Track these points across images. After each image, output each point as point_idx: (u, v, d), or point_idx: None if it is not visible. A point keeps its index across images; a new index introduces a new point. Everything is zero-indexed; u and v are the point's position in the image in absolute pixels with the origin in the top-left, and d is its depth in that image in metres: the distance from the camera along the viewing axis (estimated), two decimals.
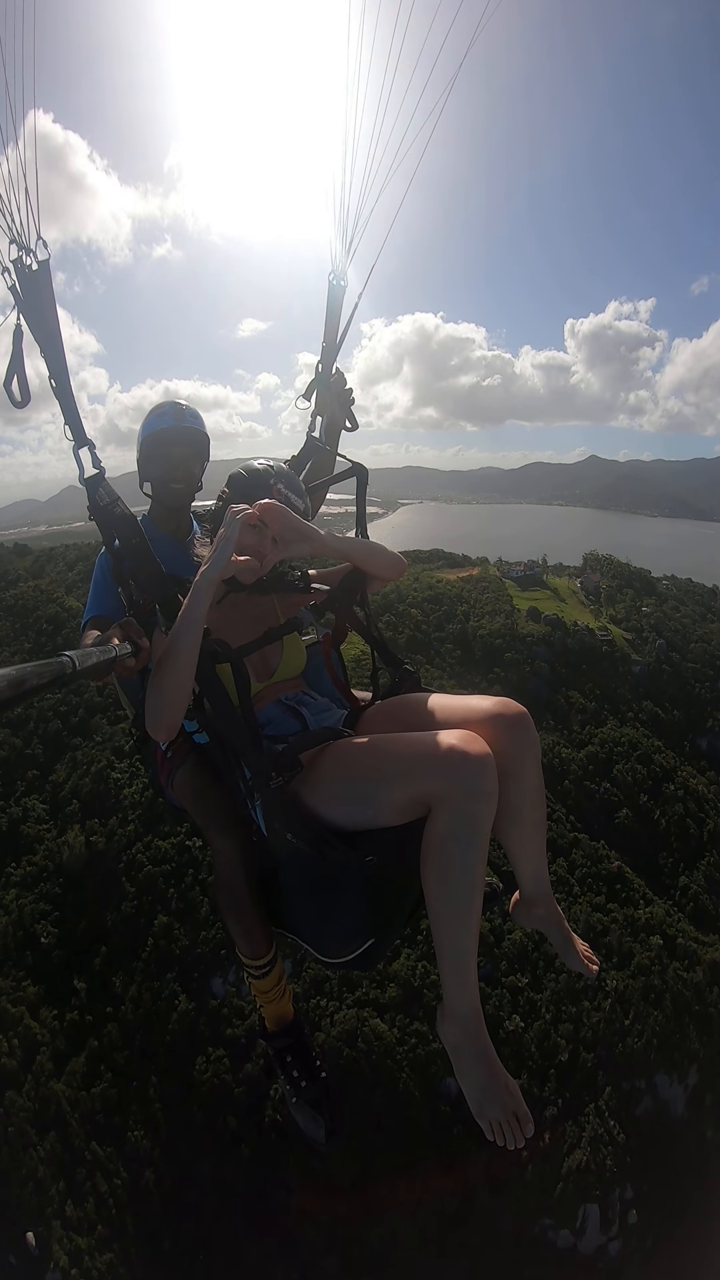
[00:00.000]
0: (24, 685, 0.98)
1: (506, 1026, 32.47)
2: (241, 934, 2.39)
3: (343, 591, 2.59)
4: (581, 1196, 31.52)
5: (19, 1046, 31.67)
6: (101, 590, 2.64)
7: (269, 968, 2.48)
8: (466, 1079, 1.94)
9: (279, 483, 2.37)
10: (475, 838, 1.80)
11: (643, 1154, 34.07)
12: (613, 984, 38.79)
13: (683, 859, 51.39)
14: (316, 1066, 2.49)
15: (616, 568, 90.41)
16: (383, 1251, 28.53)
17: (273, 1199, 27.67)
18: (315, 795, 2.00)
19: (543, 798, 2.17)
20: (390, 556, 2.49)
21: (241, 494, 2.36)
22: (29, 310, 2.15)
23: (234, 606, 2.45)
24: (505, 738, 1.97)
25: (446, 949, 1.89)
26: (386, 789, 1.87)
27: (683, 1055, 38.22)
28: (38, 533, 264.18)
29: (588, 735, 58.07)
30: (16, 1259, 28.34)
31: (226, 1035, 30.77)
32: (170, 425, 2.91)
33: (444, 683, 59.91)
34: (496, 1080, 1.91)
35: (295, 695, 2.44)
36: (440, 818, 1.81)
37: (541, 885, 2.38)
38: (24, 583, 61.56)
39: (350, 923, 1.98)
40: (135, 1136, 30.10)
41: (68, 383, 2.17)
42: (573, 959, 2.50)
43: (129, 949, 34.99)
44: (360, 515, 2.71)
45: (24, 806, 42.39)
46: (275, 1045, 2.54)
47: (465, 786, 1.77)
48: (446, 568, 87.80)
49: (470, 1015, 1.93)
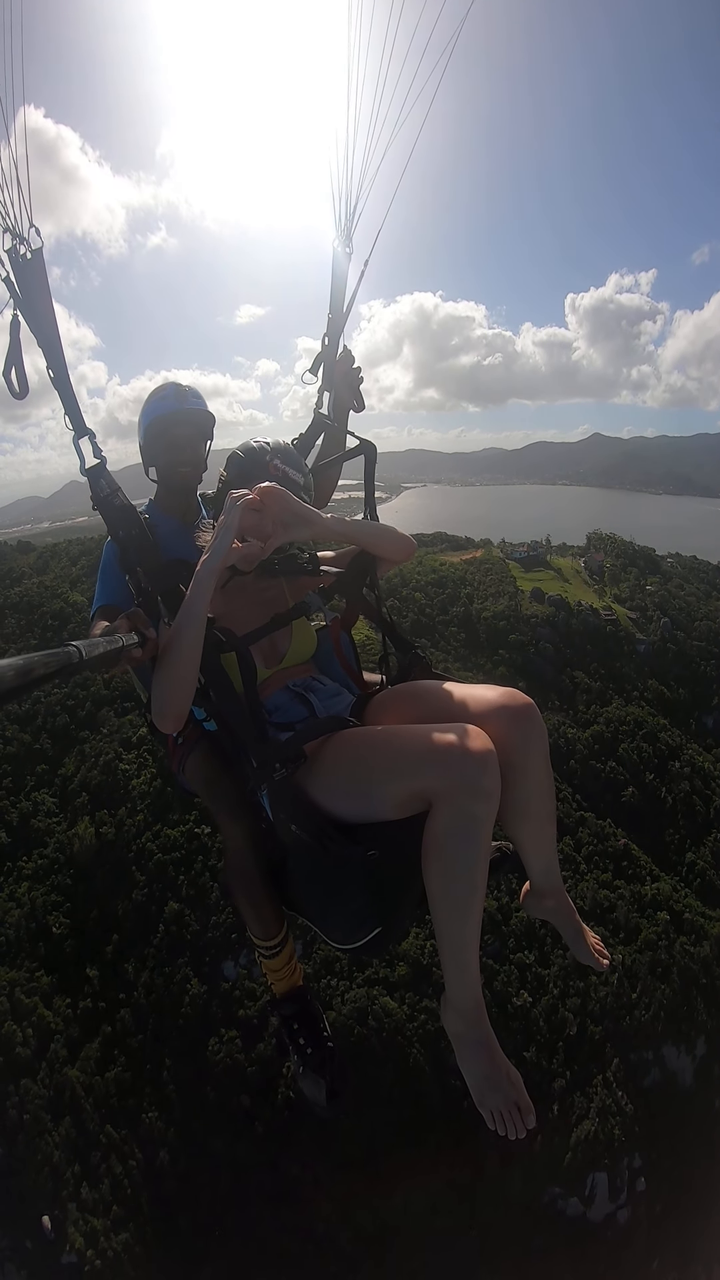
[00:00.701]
0: (31, 674, 0.99)
1: (514, 1002, 32.93)
2: (252, 916, 2.43)
3: (352, 574, 2.58)
4: (590, 1166, 32.10)
5: (33, 1036, 32.35)
6: (109, 579, 2.60)
7: (280, 948, 2.51)
8: (468, 1068, 1.96)
9: (276, 459, 2.35)
10: (475, 836, 1.77)
11: (651, 1124, 34.62)
12: (620, 959, 39.14)
13: (689, 836, 51.58)
14: (323, 1035, 2.52)
15: (620, 547, 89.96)
16: (395, 1223, 29.21)
17: (286, 1174, 28.35)
18: (318, 787, 2.00)
19: (552, 791, 2.14)
20: (398, 538, 2.45)
21: (240, 475, 2.36)
22: (24, 300, 2.14)
23: (241, 591, 2.45)
24: (511, 730, 1.94)
25: (447, 943, 1.89)
26: (387, 784, 1.85)
27: (690, 1027, 38.65)
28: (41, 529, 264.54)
29: (593, 715, 58.15)
30: (33, 1243, 29.15)
31: (239, 1016, 31.37)
32: (173, 409, 2.84)
33: (449, 666, 60.01)
34: (498, 1070, 1.93)
35: (304, 681, 2.43)
36: (441, 815, 1.79)
37: (552, 878, 2.36)
38: (28, 579, 61.88)
39: (356, 911, 1.97)
40: (149, 1118, 30.77)
41: (65, 373, 2.16)
42: (583, 952, 2.47)
43: (140, 936, 35.57)
44: (369, 495, 2.68)
45: (34, 801, 42.95)
46: (283, 1012, 2.56)
47: (465, 785, 1.75)
48: (450, 550, 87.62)
49: (471, 1006, 1.94)
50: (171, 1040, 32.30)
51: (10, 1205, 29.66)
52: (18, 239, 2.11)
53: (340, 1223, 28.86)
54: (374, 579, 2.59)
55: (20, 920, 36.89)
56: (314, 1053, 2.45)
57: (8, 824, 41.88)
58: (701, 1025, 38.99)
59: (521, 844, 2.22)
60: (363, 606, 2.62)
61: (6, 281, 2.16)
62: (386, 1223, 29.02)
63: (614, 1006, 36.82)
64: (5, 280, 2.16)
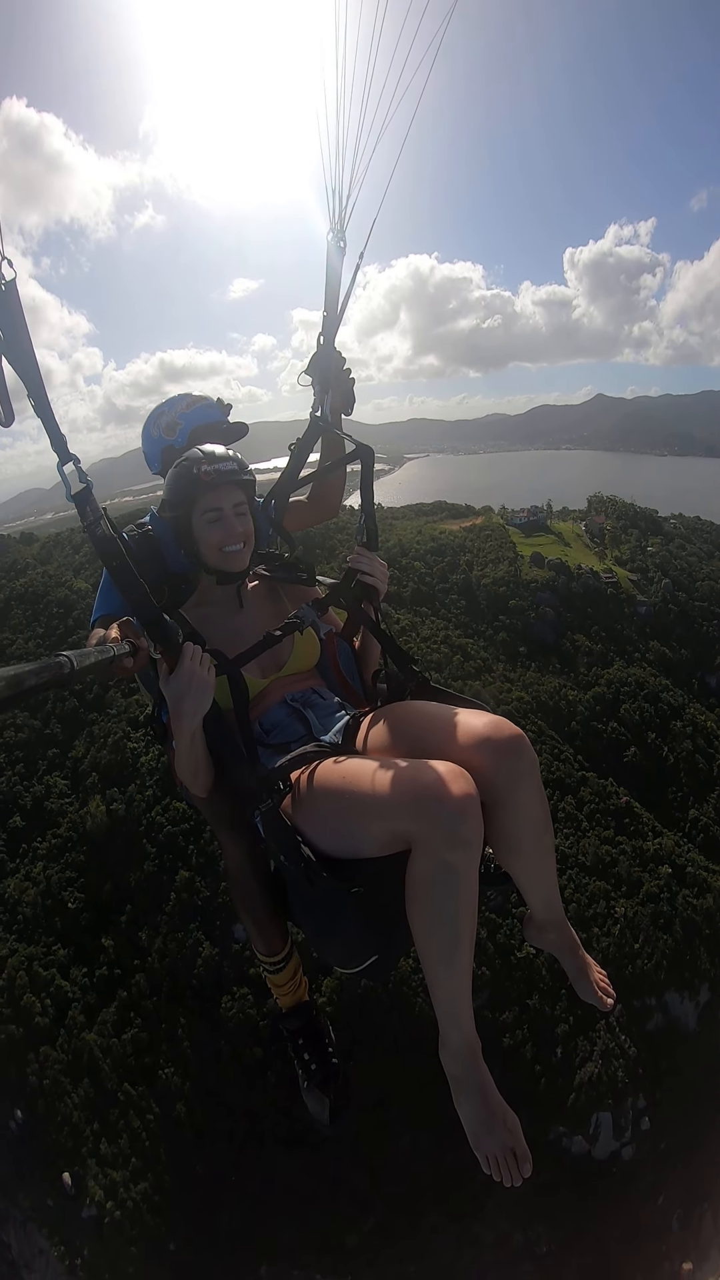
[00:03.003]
0: (22, 685, 1.01)
1: (518, 954, 33.87)
2: (255, 931, 2.42)
3: (349, 585, 2.53)
4: (594, 1106, 33.25)
5: (51, 1006, 33.58)
6: (108, 591, 2.52)
7: (284, 963, 2.48)
8: (464, 1111, 1.90)
9: (202, 465, 2.29)
10: (454, 886, 1.70)
11: (654, 1065, 35.72)
12: (621, 910, 40.02)
13: (692, 793, 51.91)
14: (328, 1050, 2.51)
15: (621, 509, 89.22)
16: (405, 1162, 30.54)
17: (299, 1120, 29.60)
18: (305, 818, 1.95)
19: (548, 825, 2.05)
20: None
21: (175, 499, 2.32)
22: (1, 332, 2.06)
23: (232, 605, 2.45)
24: (496, 764, 1.85)
25: (437, 988, 1.83)
26: (368, 825, 1.80)
27: (694, 975, 39.51)
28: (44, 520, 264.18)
29: (594, 677, 58.27)
30: (54, 1201, 30.54)
31: (249, 974, 32.44)
32: (217, 419, 2.85)
33: (450, 634, 60.43)
34: (494, 1115, 1.87)
35: (303, 694, 2.37)
36: (419, 862, 1.72)
37: (553, 911, 2.25)
38: (33, 570, 61.94)
39: (349, 941, 1.94)
40: (166, 1074, 32.01)
41: (46, 400, 2.10)
42: (586, 989, 2.32)
43: (153, 905, 36.65)
44: (366, 501, 2.63)
45: (46, 784, 43.83)
46: (288, 1026, 2.56)
47: (441, 833, 1.67)
48: (449, 519, 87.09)
49: (465, 1050, 1.88)
50: (186, 1000, 33.49)
51: (32, 1167, 31.12)
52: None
53: (354, 1165, 30.29)
54: (373, 591, 2.54)
55: (36, 898, 38.02)
56: (318, 1069, 2.47)
57: (22, 808, 42.86)
58: (705, 973, 39.84)
59: (517, 878, 2.12)
60: (362, 619, 2.56)
61: None
62: (398, 1161, 30.42)
63: (616, 956, 37.71)
64: None
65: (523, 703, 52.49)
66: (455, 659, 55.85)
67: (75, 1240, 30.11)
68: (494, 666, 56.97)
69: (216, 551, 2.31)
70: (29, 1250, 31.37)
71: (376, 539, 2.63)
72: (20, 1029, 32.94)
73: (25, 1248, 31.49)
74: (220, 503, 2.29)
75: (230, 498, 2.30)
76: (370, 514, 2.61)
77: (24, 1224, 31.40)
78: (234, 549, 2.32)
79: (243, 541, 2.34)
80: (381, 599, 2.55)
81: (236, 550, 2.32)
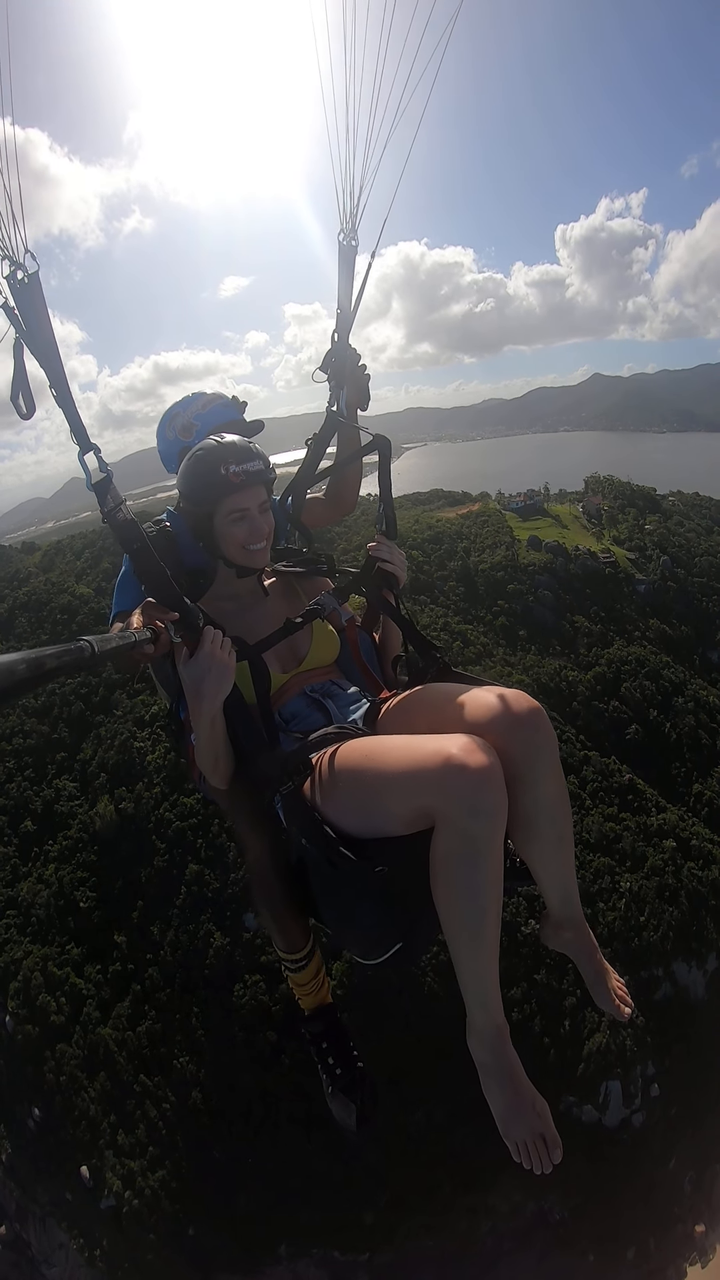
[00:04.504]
0: (43, 667, 1.03)
1: (524, 930, 34.36)
2: (275, 929, 2.38)
3: (368, 574, 2.56)
4: (603, 1075, 33.74)
5: (66, 1004, 34.26)
6: (127, 587, 2.49)
7: (305, 961, 2.44)
8: (493, 1098, 1.86)
9: (230, 463, 2.26)
10: (479, 858, 1.69)
11: (663, 1034, 36.12)
12: (626, 885, 40.40)
13: (696, 768, 51.87)
14: (352, 1054, 2.48)
15: (618, 488, 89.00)
16: (418, 1136, 31.23)
17: (316, 1101, 30.32)
18: (328, 800, 1.93)
19: (566, 808, 2.01)
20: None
21: (196, 496, 2.31)
22: (25, 323, 2.14)
23: (252, 595, 2.47)
24: (514, 739, 1.83)
25: (463, 968, 1.81)
26: (390, 802, 1.79)
27: (701, 944, 39.83)
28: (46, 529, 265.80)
29: (594, 657, 58.28)
30: (73, 1195, 31.12)
31: (261, 962, 33.15)
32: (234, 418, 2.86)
33: (449, 620, 60.71)
34: (523, 1100, 1.84)
35: (322, 685, 2.38)
36: (441, 836, 1.71)
37: (571, 908, 2.20)
38: (35, 579, 62.16)
39: (373, 928, 1.91)
40: (181, 1063, 32.60)
41: (68, 390, 2.16)
42: (603, 997, 2.26)
43: (164, 899, 37.27)
44: (384, 490, 2.67)
45: (55, 788, 44.47)
46: (311, 1030, 2.53)
47: (464, 804, 1.65)
48: (446, 506, 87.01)
49: (494, 1034, 1.85)
50: (199, 990, 34.19)
51: (51, 1163, 31.76)
52: (15, 265, 2.13)
53: (368, 1142, 31.01)
54: (393, 579, 2.57)
55: (49, 900, 38.71)
56: (343, 1074, 2.42)
57: (33, 812, 43.56)
58: (712, 942, 40.09)
59: (533, 867, 2.08)
60: (382, 606, 2.59)
61: (5, 308, 2.17)
62: (413, 1136, 31.14)
63: (622, 929, 38.15)
64: (4, 307, 2.17)
65: (524, 686, 51.72)
66: (455, 645, 56.11)
67: (94, 1232, 30.82)
68: (494, 651, 57.26)
69: (240, 549, 2.33)
70: (49, 1245, 32.09)
71: (395, 528, 2.70)
72: (36, 1028, 33.72)
73: (45, 1243, 32.19)
74: (247, 503, 2.29)
75: (256, 498, 2.31)
76: (389, 503, 2.67)
77: (43, 1219, 32.10)
78: (258, 547, 2.34)
79: (266, 539, 2.37)
80: (402, 586, 2.61)
81: (260, 548, 2.35)
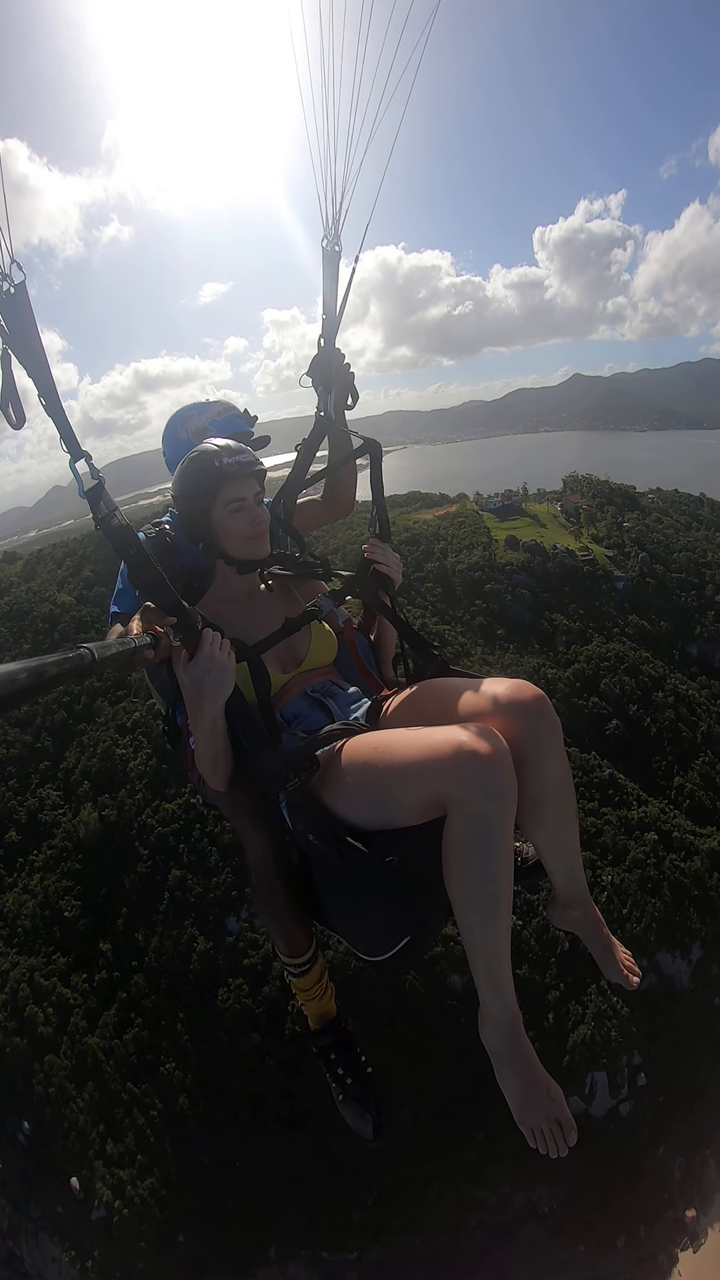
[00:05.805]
0: (45, 675, 1.03)
1: None
2: (278, 932, 2.35)
3: (363, 576, 2.60)
4: (588, 1066, 34.00)
5: (53, 1014, 34.06)
6: (124, 591, 2.50)
7: (309, 965, 2.44)
8: (508, 1085, 1.88)
9: (223, 457, 2.33)
10: (492, 841, 1.71)
11: (649, 1023, 36.49)
12: (609, 878, 40.76)
13: (676, 761, 52.33)
14: (362, 1062, 2.50)
15: (596, 487, 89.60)
16: (406, 1132, 31.24)
17: (301, 1101, 30.37)
18: (335, 795, 1.95)
19: (571, 790, 2.08)
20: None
21: (191, 492, 2.35)
22: (12, 334, 2.11)
23: (250, 598, 2.50)
24: (520, 725, 1.89)
25: (477, 954, 1.82)
26: (400, 791, 1.81)
27: (685, 935, 40.25)
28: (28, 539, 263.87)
29: (573, 654, 58.73)
30: (64, 1207, 30.88)
31: (244, 965, 33.22)
32: (246, 429, 2.89)
33: (426, 621, 60.95)
34: (538, 1085, 1.86)
35: (323, 686, 2.40)
36: (455, 821, 1.73)
37: (576, 887, 2.26)
38: (16, 588, 61.66)
39: (382, 921, 1.94)
40: (167, 1069, 32.49)
41: (58, 399, 2.15)
42: (611, 969, 2.37)
43: (148, 905, 37.18)
44: (378, 494, 2.70)
45: (39, 797, 44.23)
46: (318, 1044, 2.52)
47: (476, 787, 1.69)
48: (424, 508, 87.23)
49: (507, 1021, 1.87)
50: (184, 995, 34.07)
51: (41, 1176, 31.54)
52: (1, 276, 2.10)
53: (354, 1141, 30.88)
54: (389, 580, 2.61)
55: (34, 910, 38.51)
56: (354, 1083, 2.46)
57: (17, 822, 43.29)
58: (696, 932, 40.53)
59: (540, 848, 2.15)
60: (378, 607, 2.62)
61: None
62: (400, 1133, 31.20)
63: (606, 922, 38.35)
64: None
65: None
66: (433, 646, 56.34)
67: (86, 1243, 30.64)
68: (472, 650, 57.56)
69: (242, 541, 2.38)
70: (42, 1259, 31.79)
71: (389, 530, 2.74)
72: (24, 1040, 33.48)
73: (38, 1258, 31.88)
74: (243, 492, 2.36)
75: (250, 488, 2.38)
76: (382, 506, 2.70)
77: (35, 1234, 31.82)
78: (258, 535, 2.40)
79: (265, 529, 2.42)
80: (396, 588, 2.65)
81: (260, 535, 2.40)
